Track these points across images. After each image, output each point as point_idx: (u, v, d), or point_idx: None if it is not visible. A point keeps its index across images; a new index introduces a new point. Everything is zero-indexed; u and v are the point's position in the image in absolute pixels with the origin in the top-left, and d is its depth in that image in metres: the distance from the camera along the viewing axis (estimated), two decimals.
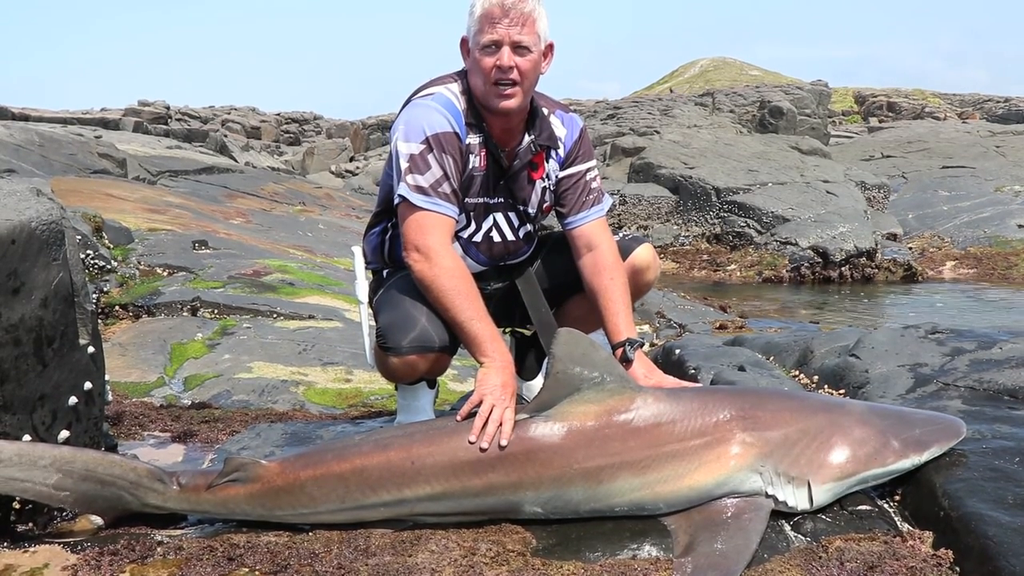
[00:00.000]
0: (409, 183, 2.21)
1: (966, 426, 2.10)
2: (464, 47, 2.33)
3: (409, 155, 2.22)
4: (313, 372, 4.12)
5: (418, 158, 2.21)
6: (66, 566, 1.88)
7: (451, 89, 2.32)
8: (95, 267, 5.46)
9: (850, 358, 3.09)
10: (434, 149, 2.21)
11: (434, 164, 2.21)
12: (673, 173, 13.73)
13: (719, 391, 2.44)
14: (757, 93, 21.77)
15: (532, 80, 2.29)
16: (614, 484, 1.95)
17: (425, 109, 2.26)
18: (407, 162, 2.22)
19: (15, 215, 2.01)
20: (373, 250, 2.60)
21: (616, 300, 2.41)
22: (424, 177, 2.21)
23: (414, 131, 2.24)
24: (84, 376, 2.20)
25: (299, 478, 2.05)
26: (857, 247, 11.11)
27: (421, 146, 2.21)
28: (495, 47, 2.22)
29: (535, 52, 2.26)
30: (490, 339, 2.18)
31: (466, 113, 2.30)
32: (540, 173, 2.44)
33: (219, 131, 27.25)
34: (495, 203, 2.41)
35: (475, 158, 2.32)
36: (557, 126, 2.47)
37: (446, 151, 2.22)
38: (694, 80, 29.95)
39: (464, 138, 2.28)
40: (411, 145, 2.23)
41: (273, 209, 11.07)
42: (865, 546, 1.83)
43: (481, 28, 2.22)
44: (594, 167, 2.52)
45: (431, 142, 2.22)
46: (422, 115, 2.25)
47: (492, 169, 2.36)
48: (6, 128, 11.08)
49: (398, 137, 2.27)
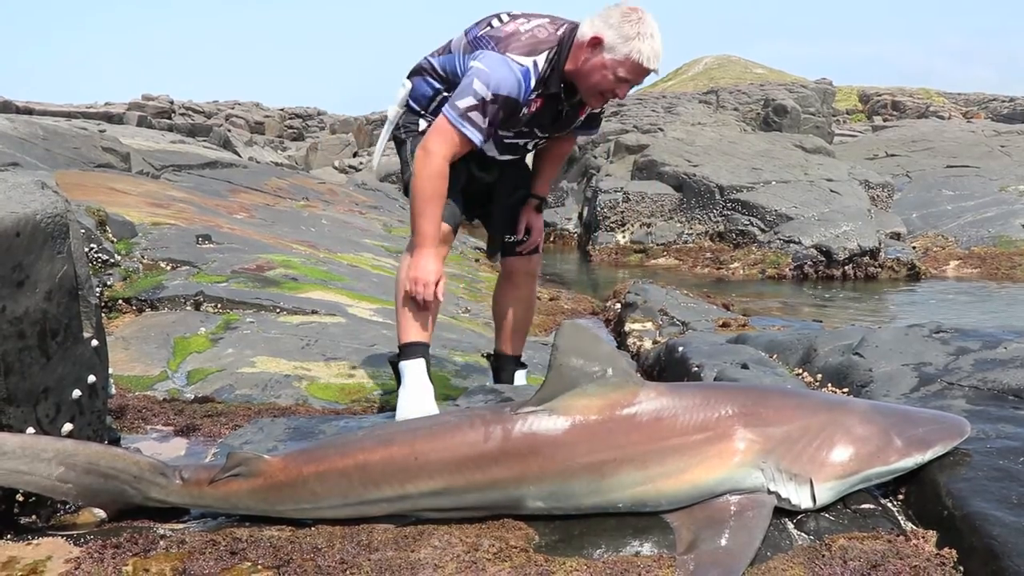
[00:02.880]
0: (460, 108, 2.69)
1: (970, 425, 2.10)
2: (597, 46, 2.69)
3: (480, 96, 2.68)
4: (316, 367, 4.12)
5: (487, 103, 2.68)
6: (69, 559, 1.88)
7: (538, 61, 2.73)
8: (99, 261, 5.46)
9: (854, 356, 3.09)
10: (496, 103, 2.69)
11: (490, 112, 2.69)
12: (676, 171, 13.70)
13: (722, 387, 2.45)
14: (761, 91, 21.72)
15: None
16: (616, 478, 1.95)
17: (509, 72, 2.70)
18: (474, 99, 2.68)
19: (20, 208, 2.01)
20: (423, 94, 3.02)
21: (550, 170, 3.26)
22: (475, 114, 2.68)
23: (495, 82, 2.69)
24: (88, 369, 2.20)
25: (301, 473, 2.05)
26: (861, 246, 11.09)
27: (490, 95, 2.68)
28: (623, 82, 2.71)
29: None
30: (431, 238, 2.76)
31: (542, 78, 2.75)
32: (582, 112, 3.00)
33: (223, 126, 27.26)
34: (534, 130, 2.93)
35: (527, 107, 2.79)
36: None
37: (503, 108, 2.71)
38: (698, 78, 29.87)
39: (526, 99, 2.75)
40: (484, 90, 2.68)
41: (276, 204, 11.07)
42: (868, 545, 1.82)
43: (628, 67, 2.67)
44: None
45: (497, 98, 2.69)
46: (505, 75, 2.69)
47: (548, 110, 2.85)
48: (10, 121, 11.09)
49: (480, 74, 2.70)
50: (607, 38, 2.66)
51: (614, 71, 2.68)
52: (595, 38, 2.68)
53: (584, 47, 2.71)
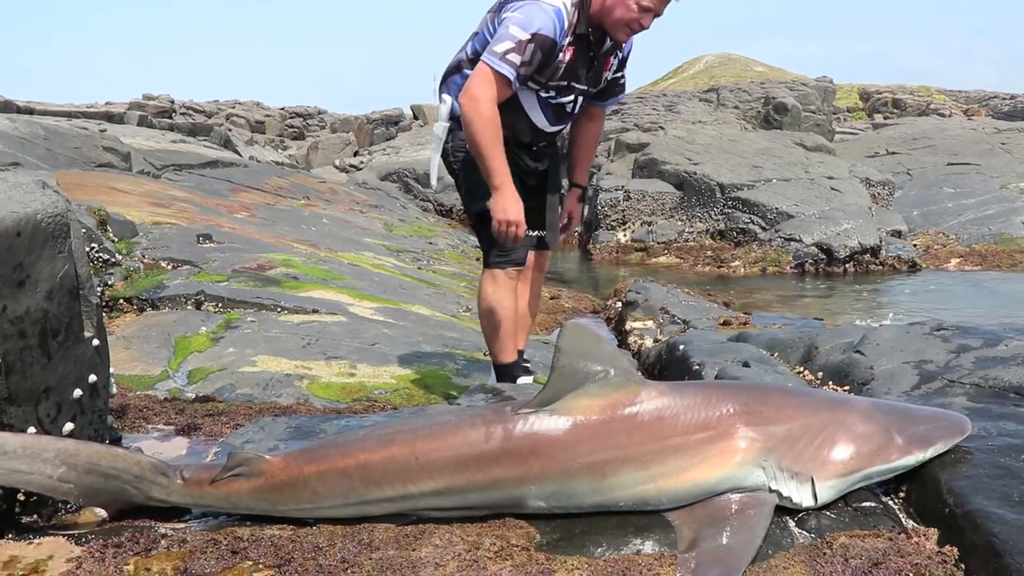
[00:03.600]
0: (499, 51, 2.80)
1: (971, 423, 2.09)
2: None
3: (518, 40, 2.80)
4: (317, 366, 4.12)
5: (524, 43, 2.80)
6: (70, 558, 1.88)
7: (567, 3, 2.87)
8: (100, 260, 5.46)
9: (855, 355, 3.09)
10: (534, 43, 2.81)
11: (527, 52, 2.80)
12: (677, 169, 13.69)
13: (723, 386, 2.45)
14: (762, 89, 21.71)
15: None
16: (618, 478, 1.95)
17: (543, 12, 2.84)
18: (512, 42, 2.80)
19: (20, 207, 2.01)
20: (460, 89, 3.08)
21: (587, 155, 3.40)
22: (514, 55, 2.80)
23: (531, 23, 2.82)
24: (89, 369, 2.21)
25: (303, 473, 2.05)
26: (861, 244, 11.08)
27: (527, 35, 2.80)
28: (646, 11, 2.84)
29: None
30: (504, 174, 2.87)
31: (573, 23, 2.88)
32: (608, 66, 3.13)
33: (223, 125, 27.24)
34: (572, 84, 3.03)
35: (563, 53, 2.91)
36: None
37: (541, 49, 2.82)
38: (699, 76, 29.87)
39: (561, 41, 2.87)
40: (522, 32, 2.81)
41: (277, 203, 11.07)
42: (869, 543, 1.82)
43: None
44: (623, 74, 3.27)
45: (535, 38, 2.81)
46: (539, 15, 2.83)
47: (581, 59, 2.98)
48: (11, 121, 11.09)
49: (516, 20, 2.83)
50: None
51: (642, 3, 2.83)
52: None
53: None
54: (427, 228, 12.34)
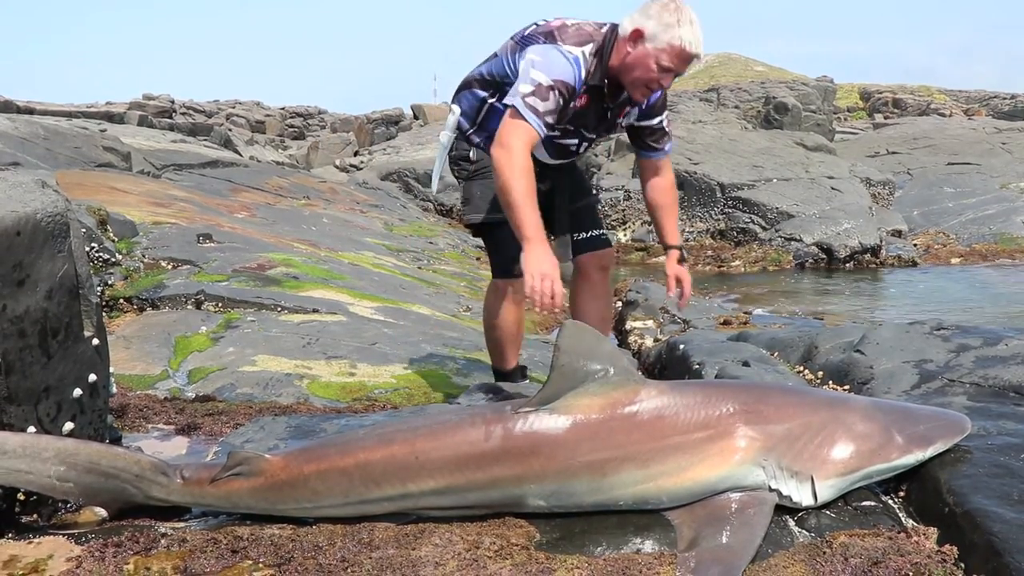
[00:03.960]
0: (525, 98, 2.73)
1: (971, 422, 2.10)
2: (638, 38, 2.75)
3: (537, 83, 2.73)
4: (317, 366, 4.12)
5: (543, 88, 2.72)
6: (70, 557, 1.88)
7: (586, 52, 2.80)
8: (100, 260, 5.46)
9: (855, 354, 3.09)
10: (555, 89, 2.73)
11: (550, 98, 2.73)
12: (677, 168, 13.63)
13: (723, 385, 2.45)
14: (762, 89, 21.70)
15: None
16: (618, 477, 1.95)
17: (564, 59, 2.78)
18: (532, 85, 2.73)
19: (20, 207, 2.01)
20: (470, 105, 3.13)
21: (671, 216, 3.26)
22: (538, 102, 2.72)
23: (551, 69, 2.76)
24: (89, 368, 2.21)
25: (303, 472, 2.05)
26: (862, 243, 11.09)
27: (549, 82, 2.73)
28: (668, 72, 2.75)
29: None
30: (536, 226, 2.66)
31: (591, 72, 2.82)
32: (622, 114, 3.04)
33: (224, 125, 27.22)
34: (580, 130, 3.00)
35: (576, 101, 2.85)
36: None
37: (562, 95, 2.75)
38: (699, 76, 29.86)
39: (579, 90, 2.81)
40: (542, 76, 2.74)
41: (277, 203, 11.07)
42: (869, 542, 1.82)
43: (671, 53, 2.72)
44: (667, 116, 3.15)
45: (556, 84, 2.74)
46: (560, 62, 2.77)
47: (593, 108, 2.92)
48: (11, 121, 11.08)
49: (535, 63, 2.78)
50: (648, 28, 2.73)
51: (657, 60, 2.73)
52: (636, 31, 2.74)
53: (626, 41, 2.78)
54: (427, 228, 12.34)
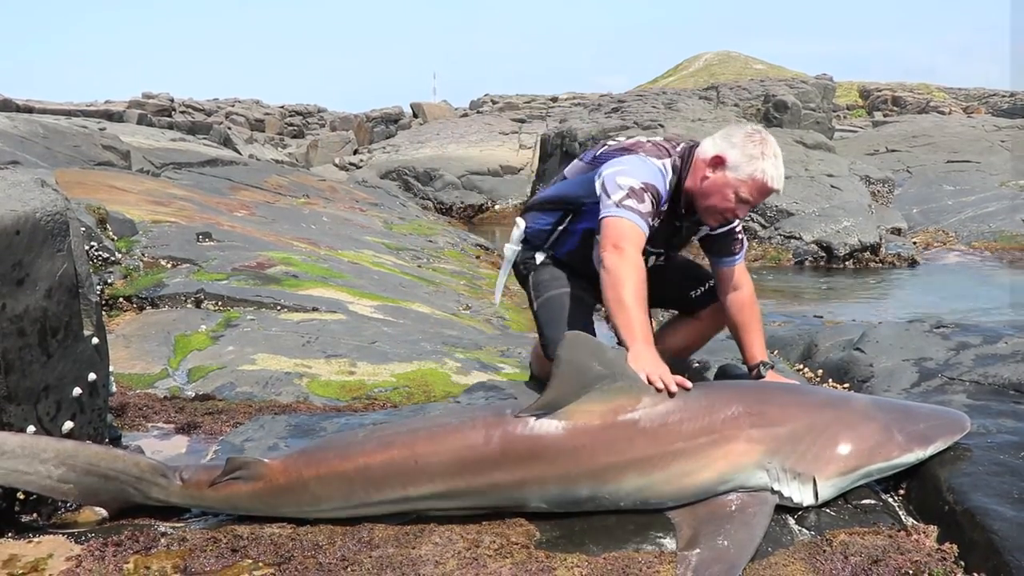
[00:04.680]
0: (621, 203, 2.55)
1: (970, 420, 2.10)
2: (718, 164, 2.60)
3: (629, 187, 2.56)
4: (317, 364, 4.11)
5: (639, 191, 2.56)
6: (70, 557, 1.88)
7: (667, 166, 2.67)
8: (99, 259, 5.46)
9: (855, 352, 3.09)
10: (648, 191, 2.58)
11: (647, 199, 2.56)
12: None
13: (725, 387, 2.43)
14: (761, 87, 21.67)
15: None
16: (620, 483, 1.94)
17: (652, 168, 2.63)
18: (624, 190, 2.56)
19: (20, 206, 2.01)
20: (538, 230, 3.02)
21: (753, 331, 2.85)
22: (635, 203, 2.54)
23: (638, 174, 2.60)
24: (88, 367, 2.20)
25: (302, 476, 2.04)
26: (861, 241, 11.09)
27: (641, 184, 2.57)
28: (745, 204, 2.62)
29: None
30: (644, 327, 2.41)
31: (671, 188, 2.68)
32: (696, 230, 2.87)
33: (223, 123, 27.21)
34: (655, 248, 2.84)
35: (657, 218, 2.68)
36: None
37: (654, 198, 2.59)
38: (699, 74, 29.86)
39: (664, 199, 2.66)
40: (633, 181, 2.57)
41: (277, 202, 11.07)
42: (869, 540, 1.82)
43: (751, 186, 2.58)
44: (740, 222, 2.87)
45: (648, 187, 2.58)
46: (648, 169, 2.63)
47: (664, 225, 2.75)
48: (10, 120, 11.08)
49: (619, 172, 2.61)
50: (730, 157, 2.58)
51: (736, 190, 2.59)
52: (717, 157, 2.60)
53: (705, 165, 2.63)
54: (427, 226, 12.34)
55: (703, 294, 3.03)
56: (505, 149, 23.63)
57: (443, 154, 22.41)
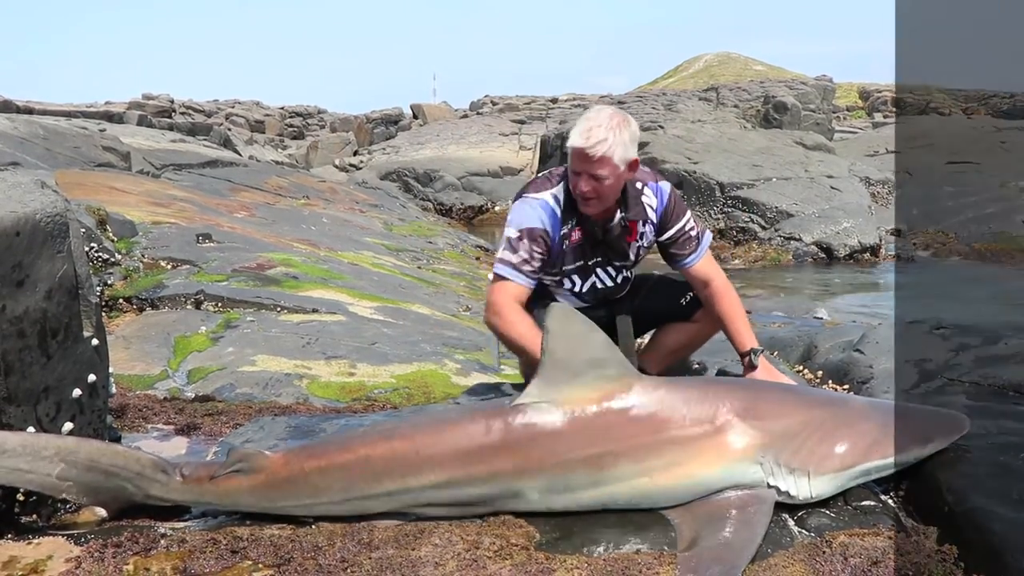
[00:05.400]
0: (499, 260, 2.75)
1: (969, 421, 2.10)
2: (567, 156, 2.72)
3: (507, 239, 2.75)
4: (317, 365, 4.11)
5: (514, 240, 2.73)
6: (70, 558, 1.88)
7: (553, 193, 2.78)
8: (99, 260, 5.46)
9: (854, 353, 3.09)
10: (523, 238, 2.72)
11: (521, 248, 2.71)
12: (677, 168, 13.70)
13: (720, 382, 2.45)
14: (761, 88, 21.72)
15: (612, 193, 2.70)
16: (615, 470, 1.95)
17: (529, 209, 2.77)
18: (504, 244, 2.75)
19: (19, 207, 2.01)
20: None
21: (736, 319, 2.85)
22: (510, 255, 2.72)
23: (516, 221, 2.76)
24: (88, 368, 2.20)
25: (303, 468, 2.05)
26: (861, 242, 11.11)
27: (517, 232, 2.73)
28: (577, 176, 2.66)
29: (612, 179, 2.64)
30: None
31: (564, 208, 2.76)
32: (634, 236, 2.87)
33: (223, 125, 27.23)
34: (594, 262, 2.88)
35: (566, 240, 2.80)
36: (649, 197, 2.84)
37: (534, 240, 2.72)
38: (698, 75, 29.88)
39: (558, 231, 2.77)
40: (511, 231, 2.75)
41: (277, 203, 11.07)
42: (869, 541, 1.82)
43: (572, 157, 2.65)
44: (688, 219, 2.90)
45: (523, 233, 2.72)
46: (526, 212, 2.77)
47: (588, 240, 2.82)
48: (10, 121, 11.08)
49: (507, 223, 2.79)
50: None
51: (572, 169, 2.68)
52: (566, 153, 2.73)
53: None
54: (427, 227, 12.34)
55: (693, 299, 3.03)
56: (505, 150, 23.66)
57: (443, 155, 22.44)
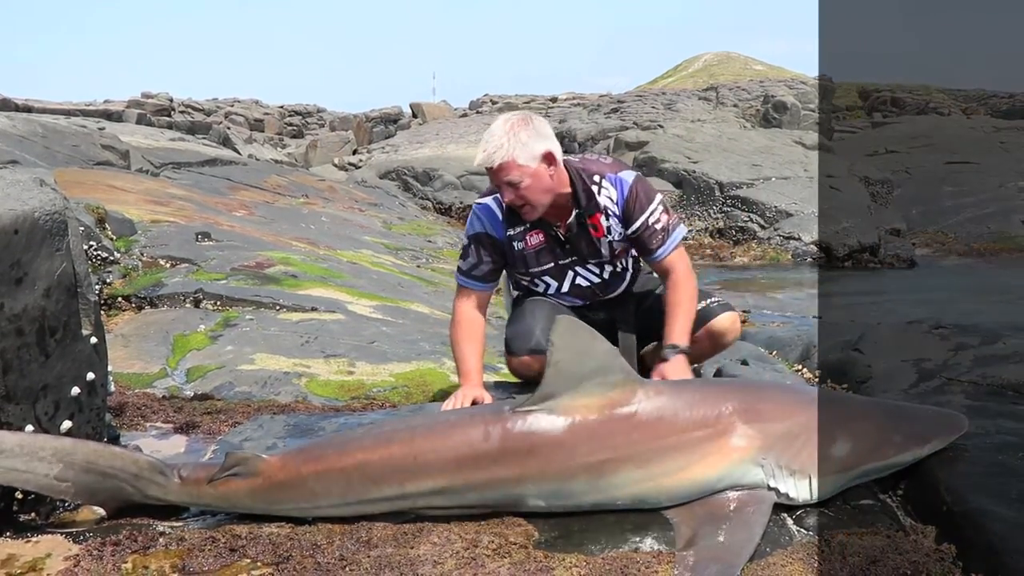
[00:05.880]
0: (457, 266, 2.92)
1: (968, 420, 2.10)
2: None
3: (462, 246, 2.92)
4: (316, 364, 4.11)
5: (464, 247, 2.89)
6: (68, 556, 1.88)
7: (496, 196, 2.79)
8: (98, 258, 5.45)
9: (853, 353, 3.09)
10: (470, 244, 2.86)
11: (469, 254, 2.86)
12: (676, 167, 13.69)
13: (721, 384, 2.45)
14: (761, 88, 21.71)
15: (539, 193, 2.65)
16: (616, 477, 1.95)
17: (473, 215, 2.89)
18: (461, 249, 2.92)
19: (18, 205, 2.01)
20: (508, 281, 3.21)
21: (675, 311, 2.73)
22: (464, 262, 2.88)
23: (467, 229, 2.92)
24: (87, 367, 2.20)
25: (300, 473, 2.05)
26: (860, 242, 11.10)
27: (466, 240, 2.89)
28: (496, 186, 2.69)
29: (528, 179, 2.60)
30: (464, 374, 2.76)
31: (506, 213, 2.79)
32: (600, 232, 2.81)
33: (222, 123, 27.20)
34: (567, 262, 2.87)
35: (520, 243, 2.84)
36: (608, 189, 2.76)
37: (480, 244, 2.84)
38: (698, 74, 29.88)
39: (503, 234, 2.83)
40: (464, 239, 2.91)
41: (276, 201, 11.07)
42: (868, 540, 1.82)
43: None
44: (654, 210, 2.78)
45: (469, 239, 2.87)
46: (470, 219, 2.91)
47: (551, 241, 2.83)
48: (9, 119, 11.07)
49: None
50: None
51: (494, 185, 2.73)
52: None
53: None
54: (426, 226, 12.33)
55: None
56: None
57: (442, 154, 22.42)
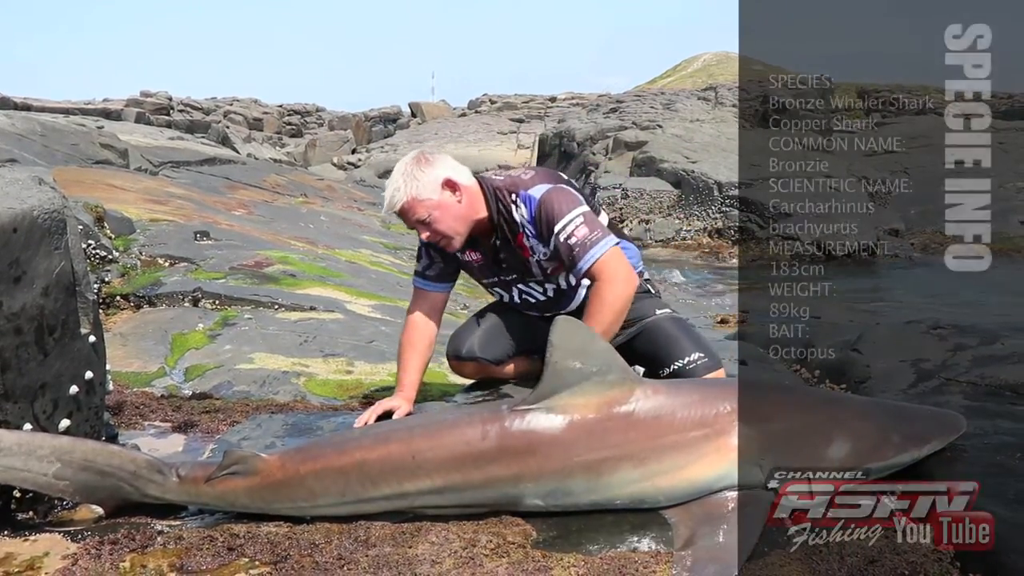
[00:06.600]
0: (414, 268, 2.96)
1: (966, 421, 2.10)
2: None
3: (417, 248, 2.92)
4: (314, 363, 4.11)
5: (418, 250, 2.91)
6: (66, 555, 1.88)
7: None
8: (96, 257, 5.45)
9: (852, 353, 3.09)
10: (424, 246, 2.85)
11: (424, 256, 2.88)
12: (675, 167, 13.69)
13: (719, 384, 2.45)
14: (760, 88, 21.72)
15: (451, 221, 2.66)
16: (615, 476, 1.95)
17: None
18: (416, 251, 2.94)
19: (17, 203, 2.01)
20: None
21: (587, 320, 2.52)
22: (419, 263, 2.92)
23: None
24: (85, 365, 2.20)
25: (299, 472, 2.05)
26: (859, 242, 11.11)
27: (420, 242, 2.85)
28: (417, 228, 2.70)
29: (435, 211, 2.63)
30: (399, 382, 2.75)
31: None
32: (527, 252, 2.75)
33: (221, 122, 27.22)
34: (510, 279, 2.88)
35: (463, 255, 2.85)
36: (520, 208, 2.69)
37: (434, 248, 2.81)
38: (697, 74, 29.91)
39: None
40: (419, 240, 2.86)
41: (275, 201, 11.07)
42: (866, 540, 1.82)
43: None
44: (567, 225, 2.61)
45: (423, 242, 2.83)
46: None
47: (488, 259, 2.85)
48: (8, 118, 11.06)
49: None
50: None
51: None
52: None
53: None
54: None
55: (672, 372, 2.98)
56: (503, 149, 23.67)
57: None
